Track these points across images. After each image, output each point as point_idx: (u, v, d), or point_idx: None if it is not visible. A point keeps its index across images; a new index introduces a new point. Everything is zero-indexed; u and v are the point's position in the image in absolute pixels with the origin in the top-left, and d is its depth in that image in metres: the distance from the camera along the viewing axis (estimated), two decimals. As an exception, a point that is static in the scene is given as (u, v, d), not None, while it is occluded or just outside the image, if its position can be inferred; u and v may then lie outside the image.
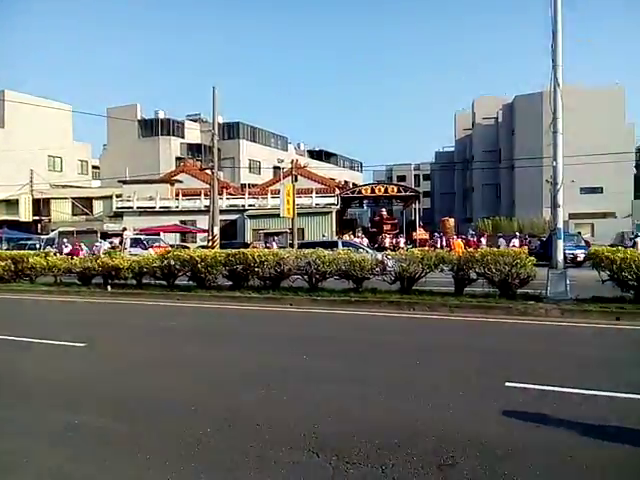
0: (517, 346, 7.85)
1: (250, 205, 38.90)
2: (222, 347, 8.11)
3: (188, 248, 19.80)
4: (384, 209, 44.96)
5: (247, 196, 39.53)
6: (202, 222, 34.44)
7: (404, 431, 4.32)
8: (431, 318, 10.37)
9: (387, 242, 35.07)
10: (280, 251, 14.12)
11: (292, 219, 25.74)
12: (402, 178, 72.43)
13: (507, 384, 5.54)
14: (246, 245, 28.83)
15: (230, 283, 14.17)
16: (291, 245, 24.58)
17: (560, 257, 11.69)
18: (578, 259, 22.03)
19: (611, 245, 28.75)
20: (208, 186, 27.39)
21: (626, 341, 8.30)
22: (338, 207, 38.06)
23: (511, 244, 24.84)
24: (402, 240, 35.50)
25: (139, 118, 52.75)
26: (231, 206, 38.70)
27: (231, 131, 51.36)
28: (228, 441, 4.23)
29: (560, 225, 11.90)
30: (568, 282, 11.19)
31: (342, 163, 67.50)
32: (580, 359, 6.71)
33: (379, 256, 13.30)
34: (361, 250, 17.27)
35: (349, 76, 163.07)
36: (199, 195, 38.77)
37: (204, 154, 49.86)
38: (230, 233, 36.92)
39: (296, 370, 6.40)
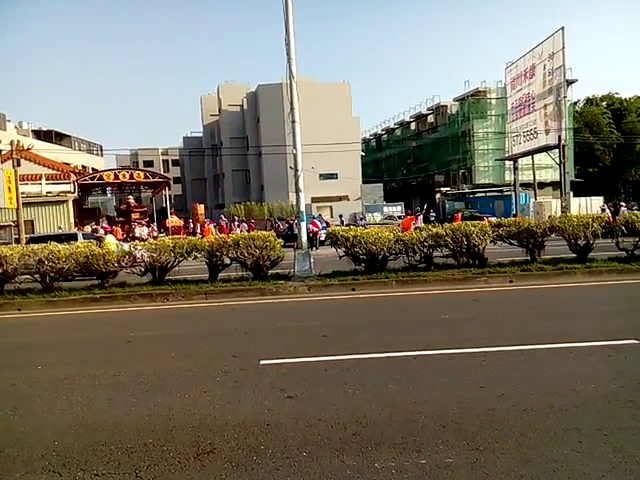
0: (269, 325, 8.18)
1: (-42, 194, 31.81)
2: None
3: None
4: (131, 196, 42.11)
5: (-47, 184, 32.22)
6: None
7: (158, 429, 4.05)
8: (185, 307, 10.11)
9: (137, 232, 33.04)
10: (1, 248, 11.80)
11: (17, 210, 22.03)
12: (150, 163, 69.15)
13: (262, 362, 5.69)
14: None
15: None
16: (17, 240, 21.02)
17: (304, 238, 12.67)
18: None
19: (347, 225, 32.96)
20: None
21: (361, 307, 9.43)
22: (76, 195, 34.07)
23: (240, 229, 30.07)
24: (150, 228, 33.93)
25: None
26: None
27: None
28: None
29: (303, 208, 12.88)
30: (312, 260, 12.21)
31: (78, 146, 60.43)
32: (321, 329, 7.28)
33: (126, 247, 12.27)
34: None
35: (85, 53, 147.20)
36: None
37: None
38: None
39: (26, 383, 5.42)
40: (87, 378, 5.46)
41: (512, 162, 39.45)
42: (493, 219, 17.69)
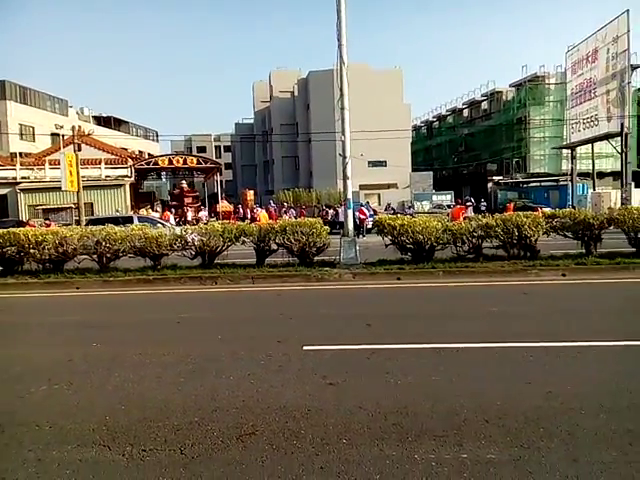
0: (314, 311, 8.26)
1: (24, 177, 33.57)
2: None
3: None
4: (184, 181, 43.19)
5: (19, 167, 34.06)
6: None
7: (203, 409, 4.17)
8: (233, 291, 10.33)
9: (190, 216, 33.92)
10: (62, 229, 12.43)
11: (77, 193, 23.07)
12: (202, 149, 70.72)
13: (305, 348, 5.74)
14: (22, 224, 24.89)
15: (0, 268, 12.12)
16: (77, 222, 22.04)
17: (351, 225, 12.63)
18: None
19: (394, 213, 32.51)
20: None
21: (406, 297, 9.34)
22: (132, 179, 35.32)
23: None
24: (204, 213, 34.73)
25: None
26: (-1, 178, 33.03)
27: (-6, 90, 43.14)
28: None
29: (350, 196, 12.82)
30: (358, 248, 12.17)
31: (135, 132, 62.47)
32: (365, 317, 7.25)
33: (178, 230, 12.63)
34: (159, 225, 16.31)
35: (139, 41, 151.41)
36: (-48, 166, 32.20)
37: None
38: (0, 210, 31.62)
39: (82, 359, 5.69)
40: (138, 357, 5.69)
41: (570, 151, 37.71)
42: (547, 210, 17.04)
